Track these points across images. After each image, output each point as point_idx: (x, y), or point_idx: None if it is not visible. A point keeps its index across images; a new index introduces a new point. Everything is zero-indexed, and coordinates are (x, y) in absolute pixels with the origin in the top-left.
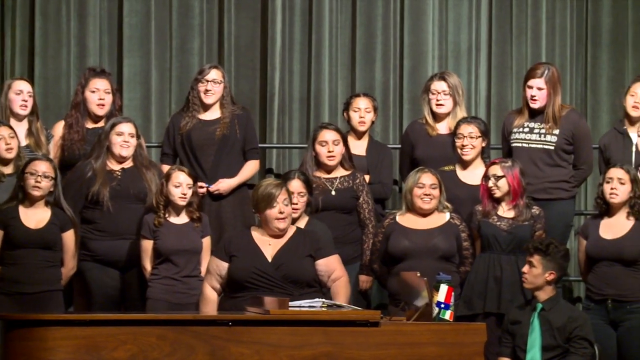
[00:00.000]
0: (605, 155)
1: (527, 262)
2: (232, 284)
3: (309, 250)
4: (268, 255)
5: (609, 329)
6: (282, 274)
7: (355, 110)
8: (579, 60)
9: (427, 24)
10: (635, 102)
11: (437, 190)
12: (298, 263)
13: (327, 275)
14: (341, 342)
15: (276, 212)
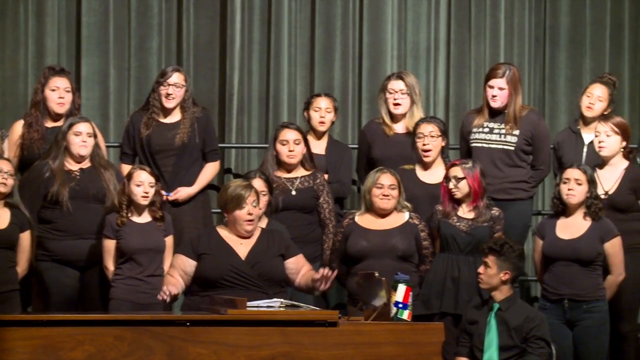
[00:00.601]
0: (558, 153)
1: (483, 262)
2: (204, 283)
3: (279, 249)
4: (241, 254)
5: (565, 329)
6: (258, 273)
7: (316, 110)
8: (537, 60)
9: (386, 23)
10: (590, 103)
11: (395, 190)
12: (271, 262)
13: (297, 272)
14: (299, 342)
15: (245, 214)
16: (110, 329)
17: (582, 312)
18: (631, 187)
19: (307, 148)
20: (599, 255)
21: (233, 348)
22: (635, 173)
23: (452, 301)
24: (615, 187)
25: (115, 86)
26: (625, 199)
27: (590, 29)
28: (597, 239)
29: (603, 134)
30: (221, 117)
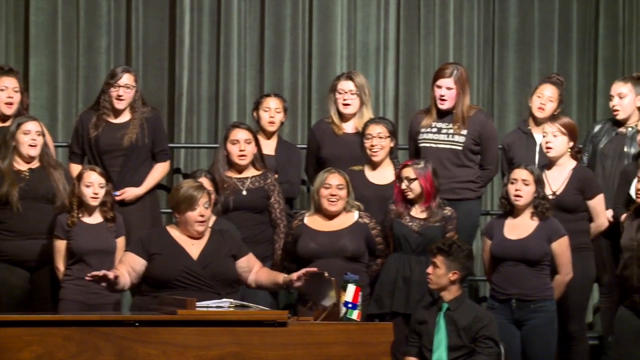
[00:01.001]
0: (509, 155)
1: (431, 262)
2: (156, 283)
3: (231, 250)
4: (193, 255)
5: (513, 328)
6: (211, 273)
7: (266, 110)
8: (486, 60)
9: (335, 24)
10: (541, 104)
11: (344, 190)
12: (223, 262)
13: (249, 271)
14: (249, 342)
15: (197, 215)
16: (59, 330)
17: (530, 311)
18: (578, 188)
19: (258, 148)
20: (546, 255)
21: (182, 348)
22: (582, 173)
23: (403, 301)
24: (563, 187)
25: (64, 86)
26: (573, 199)
27: (538, 30)
28: (545, 239)
29: (550, 134)
30: (170, 117)
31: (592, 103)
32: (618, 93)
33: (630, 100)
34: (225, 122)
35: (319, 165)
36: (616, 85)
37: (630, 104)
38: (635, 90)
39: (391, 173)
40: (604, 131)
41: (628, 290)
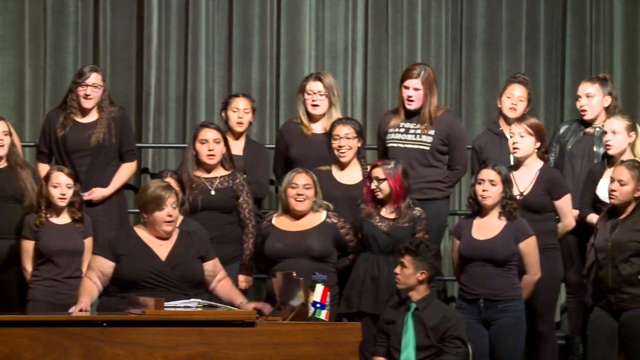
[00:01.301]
0: (482, 156)
1: (399, 262)
2: (123, 284)
3: (199, 251)
4: (161, 256)
5: (481, 328)
6: (179, 274)
7: (234, 110)
8: (453, 61)
9: (303, 23)
10: (512, 104)
11: (310, 190)
12: (191, 264)
13: (213, 275)
14: (217, 342)
15: (165, 215)
16: (26, 330)
17: (498, 311)
18: (545, 188)
19: (227, 148)
20: (513, 256)
21: (150, 348)
22: (549, 174)
23: (371, 301)
24: (530, 188)
25: (31, 85)
26: (540, 200)
27: (506, 30)
28: (512, 239)
29: (517, 135)
30: (138, 116)
31: (560, 103)
32: (585, 93)
33: (597, 100)
34: (193, 121)
35: (287, 165)
36: (583, 86)
37: (597, 105)
38: (602, 90)
39: (359, 173)
40: (570, 131)
41: (603, 291)
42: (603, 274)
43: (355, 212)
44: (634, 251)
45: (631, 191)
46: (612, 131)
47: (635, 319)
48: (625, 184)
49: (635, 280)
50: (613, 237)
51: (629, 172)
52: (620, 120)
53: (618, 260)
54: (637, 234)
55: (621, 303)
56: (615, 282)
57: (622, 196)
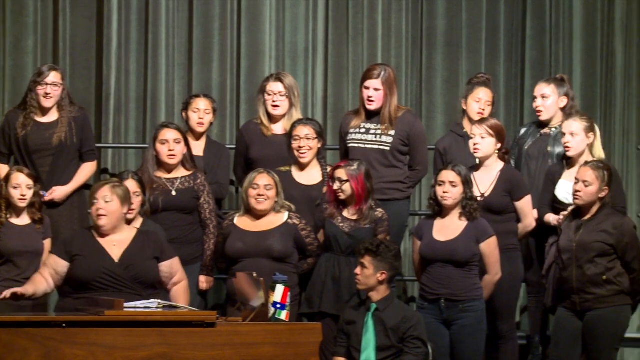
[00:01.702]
0: (447, 158)
1: (359, 263)
2: (76, 284)
3: (154, 252)
4: (114, 256)
5: (442, 328)
6: (131, 275)
7: (195, 111)
8: (414, 61)
9: (264, 24)
10: (480, 109)
11: (272, 190)
12: (145, 264)
13: (169, 277)
14: (177, 343)
15: (94, 209)
16: None
17: (459, 311)
18: (506, 189)
19: (188, 148)
20: (474, 256)
21: (110, 349)
22: (509, 175)
23: (333, 301)
24: (491, 189)
25: None
26: (501, 201)
27: (466, 31)
28: (473, 240)
29: (478, 136)
30: (98, 117)
31: (520, 104)
32: (541, 94)
33: (553, 101)
34: (153, 122)
35: (247, 166)
36: (539, 87)
37: (553, 105)
38: (558, 91)
39: (318, 174)
40: (529, 133)
41: (567, 292)
42: (567, 274)
43: (314, 213)
44: (598, 252)
45: (596, 192)
46: (571, 133)
47: (599, 320)
48: (589, 184)
49: (601, 280)
50: (578, 238)
51: (594, 172)
52: (579, 122)
53: (583, 261)
54: (602, 234)
55: (585, 303)
56: (580, 282)
57: (587, 197)
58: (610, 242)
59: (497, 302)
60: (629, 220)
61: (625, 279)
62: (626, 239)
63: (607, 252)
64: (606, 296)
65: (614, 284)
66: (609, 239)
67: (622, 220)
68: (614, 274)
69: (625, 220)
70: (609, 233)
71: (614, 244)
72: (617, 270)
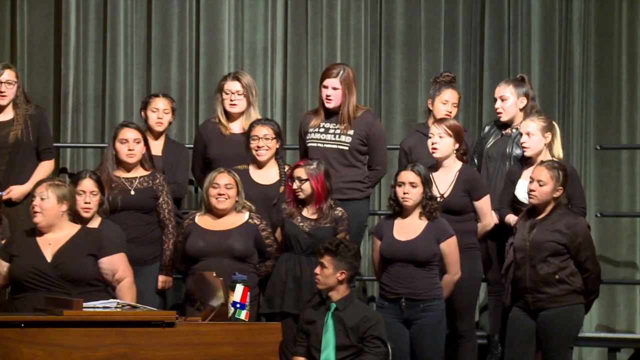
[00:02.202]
0: (412, 158)
1: (319, 263)
2: (14, 285)
3: (90, 249)
4: (48, 255)
5: (402, 328)
6: (60, 273)
7: (154, 110)
8: (373, 61)
9: (223, 23)
10: (447, 111)
11: (232, 190)
12: (77, 262)
13: (111, 273)
14: (136, 343)
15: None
16: None
17: (419, 311)
18: (465, 189)
19: (147, 148)
20: (435, 256)
21: (69, 349)
22: (468, 175)
23: (293, 301)
24: (450, 189)
25: None
26: (460, 201)
27: (425, 31)
28: (433, 239)
29: (436, 135)
30: (56, 116)
31: (478, 105)
32: (500, 95)
33: (512, 102)
34: (111, 121)
35: (205, 165)
36: (499, 88)
37: (512, 106)
38: (516, 92)
39: (276, 173)
40: (491, 132)
41: (521, 291)
42: (521, 273)
43: (270, 212)
44: (551, 251)
45: (550, 191)
46: (527, 133)
47: (552, 319)
48: (544, 184)
49: (553, 280)
50: (531, 237)
51: (548, 172)
52: (536, 122)
53: (536, 260)
54: (555, 234)
55: (538, 303)
56: (533, 281)
57: (542, 196)
58: (563, 241)
59: (456, 301)
60: (582, 220)
61: (578, 278)
62: (579, 239)
63: (560, 252)
64: (559, 295)
65: (566, 283)
66: (562, 239)
67: (575, 220)
68: (566, 274)
69: (578, 220)
70: (562, 233)
71: (566, 244)
72: (570, 269)
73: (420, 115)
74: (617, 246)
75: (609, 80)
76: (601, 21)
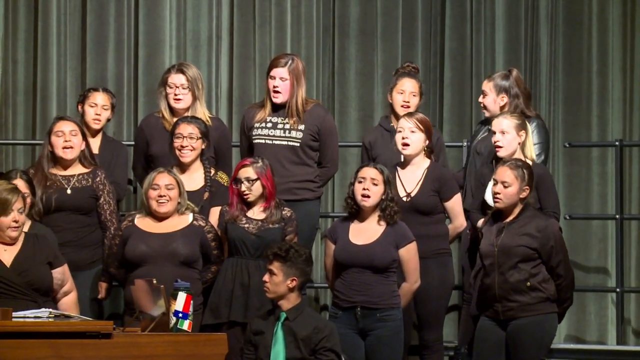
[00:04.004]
0: (372, 153)
1: (267, 269)
2: None
3: (47, 257)
4: (5, 262)
5: (357, 339)
6: (26, 281)
7: (92, 105)
8: (325, 51)
9: (164, 10)
10: (404, 101)
11: (173, 191)
12: (39, 270)
13: (61, 285)
14: (70, 356)
15: (10, 220)
16: None
17: (376, 320)
18: (434, 188)
19: (87, 143)
20: (393, 262)
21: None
22: (437, 173)
23: (242, 309)
24: (418, 188)
25: None
26: (429, 201)
27: (381, 19)
28: (392, 244)
29: (407, 130)
30: None
31: (439, 97)
32: (483, 90)
33: (490, 99)
34: (43, 116)
35: (147, 163)
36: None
37: (491, 103)
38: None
39: (201, 178)
40: (481, 129)
41: (489, 300)
42: (489, 281)
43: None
44: (521, 256)
45: (516, 193)
46: (501, 131)
47: (523, 329)
48: (509, 185)
49: (524, 287)
50: (499, 242)
51: (512, 172)
52: (509, 119)
53: (505, 267)
54: (525, 237)
55: (508, 312)
56: (503, 289)
57: (507, 199)
58: (534, 245)
59: (424, 309)
60: (553, 222)
61: (550, 285)
62: (551, 243)
63: (531, 257)
64: (530, 304)
65: (538, 290)
66: (533, 243)
67: (546, 222)
68: (538, 280)
69: (549, 222)
70: (532, 236)
71: (537, 248)
72: (542, 276)
73: (376, 110)
74: (587, 251)
75: (578, 73)
76: (570, 9)
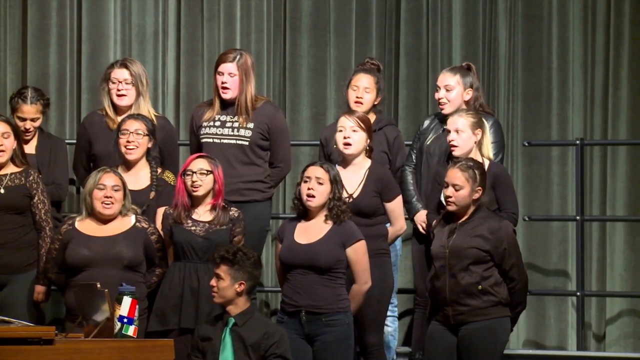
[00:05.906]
0: (327, 150)
1: (214, 274)
2: None
3: None
4: None
5: (303, 344)
6: None
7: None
8: (276, 47)
9: (108, 3)
10: (357, 97)
11: (119, 192)
12: None
13: None
14: None
15: None
16: None
17: (322, 325)
18: (376, 189)
19: (18, 142)
20: (339, 262)
21: None
22: (379, 173)
23: (192, 315)
24: (360, 189)
25: None
26: (370, 202)
27: (334, 13)
28: (338, 243)
29: (349, 129)
30: None
31: (394, 95)
32: (445, 85)
33: (457, 93)
34: None
35: (89, 163)
36: (443, 76)
37: (457, 98)
38: (463, 81)
39: (147, 177)
40: (431, 127)
41: (440, 303)
42: (440, 284)
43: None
44: (474, 259)
45: (467, 195)
46: (456, 130)
47: (474, 334)
48: (460, 187)
49: (476, 291)
50: (451, 243)
51: (463, 174)
52: (464, 117)
53: (456, 269)
54: (477, 239)
55: (460, 316)
56: (453, 293)
57: (460, 201)
58: (486, 247)
59: (364, 312)
60: (507, 224)
61: (503, 288)
62: (504, 245)
63: (483, 259)
64: (482, 308)
65: (490, 294)
66: (485, 245)
67: (499, 223)
68: (490, 283)
69: (503, 224)
70: (484, 238)
71: (490, 250)
72: (494, 279)
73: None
74: (547, 253)
75: (538, 69)
76: (530, 4)
